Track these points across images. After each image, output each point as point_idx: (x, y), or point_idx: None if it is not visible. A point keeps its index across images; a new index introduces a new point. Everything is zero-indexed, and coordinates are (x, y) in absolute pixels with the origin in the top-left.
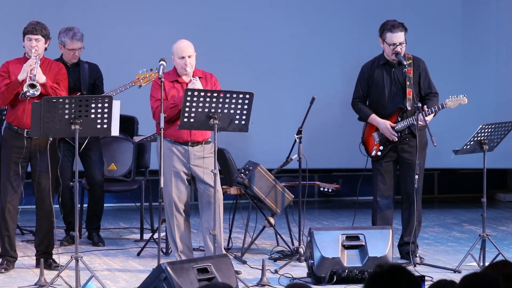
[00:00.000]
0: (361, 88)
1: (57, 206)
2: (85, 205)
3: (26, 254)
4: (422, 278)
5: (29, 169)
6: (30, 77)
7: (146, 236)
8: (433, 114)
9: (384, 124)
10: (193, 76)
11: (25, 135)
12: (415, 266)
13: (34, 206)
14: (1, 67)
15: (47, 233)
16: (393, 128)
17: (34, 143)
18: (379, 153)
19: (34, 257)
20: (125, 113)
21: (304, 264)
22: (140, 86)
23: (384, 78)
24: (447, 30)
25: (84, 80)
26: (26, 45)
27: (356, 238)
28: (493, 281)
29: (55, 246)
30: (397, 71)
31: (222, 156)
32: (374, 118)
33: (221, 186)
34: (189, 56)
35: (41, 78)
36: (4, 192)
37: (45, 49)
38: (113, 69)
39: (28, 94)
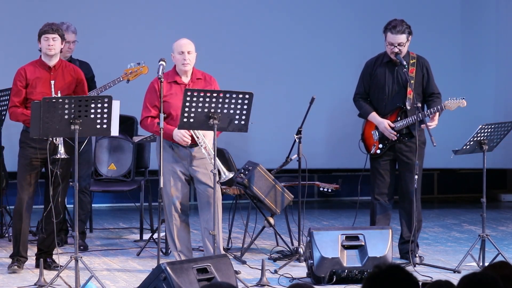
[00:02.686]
0: (363, 84)
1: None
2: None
3: None
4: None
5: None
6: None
7: (146, 236)
8: (435, 122)
9: (383, 123)
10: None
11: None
12: (414, 266)
13: (34, 206)
14: (18, 75)
15: (52, 233)
16: (392, 128)
17: (52, 146)
18: (378, 151)
19: (34, 257)
20: (125, 113)
21: (303, 264)
22: (128, 81)
23: (386, 76)
24: (447, 31)
25: None
26: (43, 45)
27: (356, 238)
28: (492, 281)
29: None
30: (400, 70)
31: (221, 156)
32: (374, 116)
33: (221, 186)
34: (188, 52)
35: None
36: (20, 192)
37: (61, 50)
38: (111, 69)
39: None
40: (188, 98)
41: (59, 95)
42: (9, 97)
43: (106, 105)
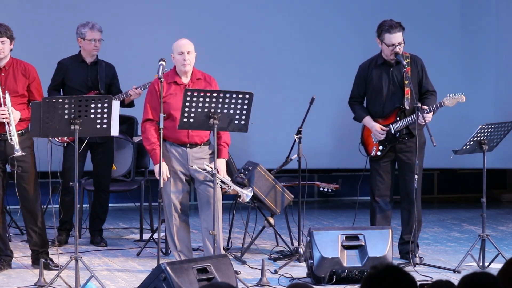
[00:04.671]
0: (357, 88)
1: (57, 206)
2: (84, 205)
3: (25, 254)
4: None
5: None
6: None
7: (146, 236)
8: (432, 113)
9: (374, 127)
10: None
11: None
12: (414, 266)
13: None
14: None
15: (35, 233)
16: (386, 131)
17: (10, 145)
18: (378, 153)
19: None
20: (125, 113)
21: (303, 264)
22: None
23: (383, 78)
24: (447, 30)
25: (102, 79)
26: None
27: (356, 238)
28: (492, 281)
29: (54, 247)
30: (395, 71)
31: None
32: (367, 121)
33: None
34: (188, 52)
35: (17, 117)
36: None
37: (11, 49)
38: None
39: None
40: (188, 98)
41: (6, 95)
42: None
43: (106, 105)
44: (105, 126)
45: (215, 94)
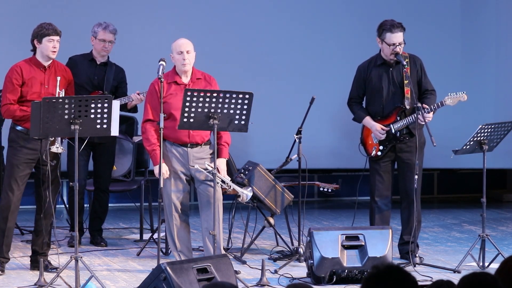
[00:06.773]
0: (357, 89)
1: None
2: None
3: (26, 254)
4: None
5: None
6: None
7: (146, 236)
8: (432, 112)
9: (374, 127)
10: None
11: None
12: (414, 266)
13: (34, 206)
14: (13, 73)
15: (45, 233)
16: (387, 131)
17: (44, 144)
18: (379, 153)
19: (29, 259)
20: (125, 113)
21: (303, 264)
22: None
23: (382, 78)
24: (447, 30)
25: (108, 81)
26: (46, 47)
27: (356, 238)
28: (492, 281)
29: (54, 247)
30: (395, 71)
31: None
32: (367, 121)
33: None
34: (187, 52)
35: None
36: (9, 192)
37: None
38: None
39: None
40: (188, 98)
41: (62, 92)
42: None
43: (106, 105)
44: (105, 126)
45: (215, 94)
